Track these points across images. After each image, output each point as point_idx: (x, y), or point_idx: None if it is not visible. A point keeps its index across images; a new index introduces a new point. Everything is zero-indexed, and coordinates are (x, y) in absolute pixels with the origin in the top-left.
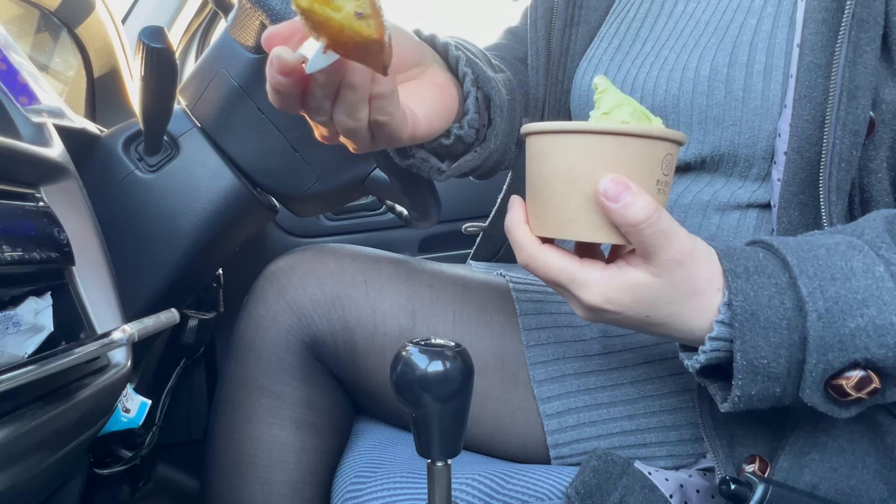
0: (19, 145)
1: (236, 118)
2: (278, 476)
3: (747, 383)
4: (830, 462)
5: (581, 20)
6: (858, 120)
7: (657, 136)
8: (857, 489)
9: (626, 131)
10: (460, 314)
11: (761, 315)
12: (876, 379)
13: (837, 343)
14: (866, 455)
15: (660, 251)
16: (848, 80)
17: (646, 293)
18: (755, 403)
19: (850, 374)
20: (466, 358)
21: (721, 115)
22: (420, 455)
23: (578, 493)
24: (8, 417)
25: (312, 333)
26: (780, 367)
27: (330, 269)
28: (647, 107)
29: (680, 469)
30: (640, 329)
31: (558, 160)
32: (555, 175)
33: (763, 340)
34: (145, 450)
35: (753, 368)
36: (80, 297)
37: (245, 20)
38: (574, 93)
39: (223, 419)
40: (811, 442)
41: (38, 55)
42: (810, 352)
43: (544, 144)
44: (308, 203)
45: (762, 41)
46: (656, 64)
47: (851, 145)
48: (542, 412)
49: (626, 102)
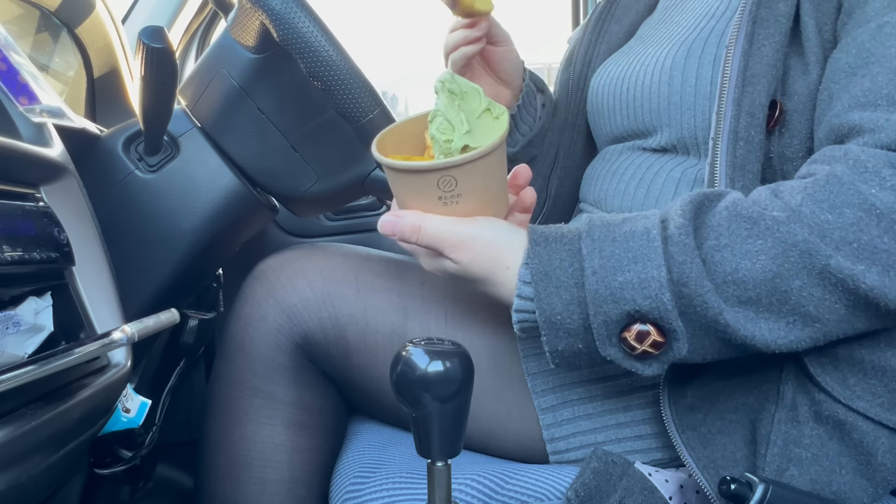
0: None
1: (236, 118)
2: (271, 475)
3: (551, 339)
4: (809, 474)
5: (603, 40)
6: (754, 104)
7: (418, 170)
8: (843, 493)
9: (397, 167)
10: (452, 311)
11: (553, 276)
12: (655, 331)
13: (610, 296)
14: (840, 456)
15: (441, 247)
16: (742, 68)
17: (456, 276)
18: (570, 360)
19: (632, 328)
20: (466, 358)
21: (679, 101)
22: (420, 455)
23: (578, 494)
24: (8, 417)
25: (303, 332)
26: (575, 322)
27: (319, 266)
28: (631, 96)
29: (679, 468)
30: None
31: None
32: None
33: (556, 298)
34: (145, 450)
35: (553, 325)
36: (80, 297)
37: (245, 20)
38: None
39: (216, 419)
40: (786, 458)
41: (38, 55)
42: (589, 304)
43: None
44: (308, 203)
45: (714, 36)
46: (641, 60)
47: (749, 125)
48: (538, 406)
49: (443, 110)
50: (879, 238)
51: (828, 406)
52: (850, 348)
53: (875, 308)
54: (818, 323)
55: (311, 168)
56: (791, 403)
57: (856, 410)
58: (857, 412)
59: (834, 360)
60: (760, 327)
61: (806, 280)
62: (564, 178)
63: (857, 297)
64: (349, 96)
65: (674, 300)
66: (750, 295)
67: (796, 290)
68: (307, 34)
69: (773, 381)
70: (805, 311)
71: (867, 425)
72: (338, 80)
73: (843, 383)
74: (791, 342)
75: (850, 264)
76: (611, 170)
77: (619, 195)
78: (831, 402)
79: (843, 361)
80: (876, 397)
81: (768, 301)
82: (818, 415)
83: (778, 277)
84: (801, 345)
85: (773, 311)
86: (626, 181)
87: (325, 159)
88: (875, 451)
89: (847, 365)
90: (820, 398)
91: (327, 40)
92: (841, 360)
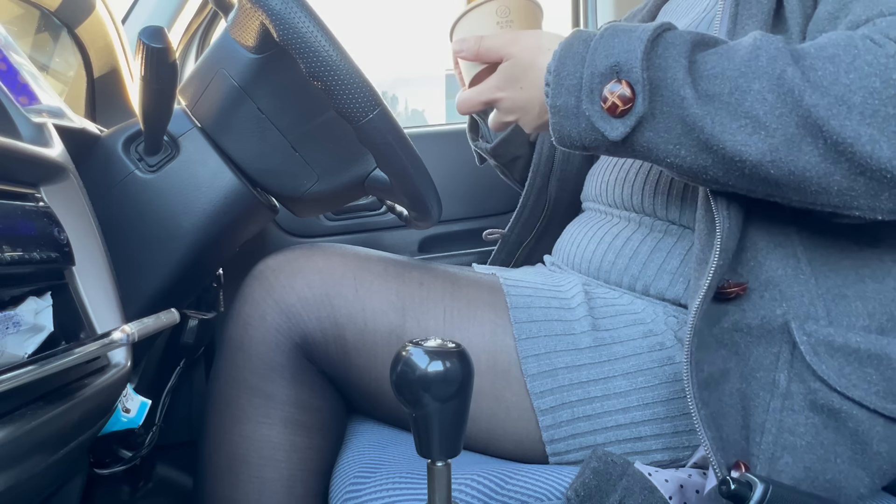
0: (19, 145)
1: (236, 118)
2: (270, 474)
3: (557, 91)
4: (803, 462)
5: None
6: None
7: (481, 3)
8: (837, 481)
9: (468, 8)
10: (450, 311)
11: (571, 49)
12: (626, 85)
13: (602, 50)
14: (836, 445)
15: (498, 44)
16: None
17: (507, 72)
18: (563, 118)
19: (610, 84)
20: (466, 358)
21: None
22: (420, 455)
23: (578, 494)
24: (8, 417)
25: (301, 332)
26: (574, 78)
27: (318, 266)
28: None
29: (679, 468)
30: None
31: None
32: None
33: (569, 60)
34: (145, 450)
35: (559, 79)
36: (80, 297)
37: (245, 20)
38: None
39: (215, 418)
40: (780, 445)
41: (38, 55)
42: (587, 60)
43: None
44: (308, 203)
45: (704, 25)
46: None
47: None
48: (537, 407)
49: None
50: (846, 75)
51: (823, 395)
52: (846, 337)
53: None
54: (764, 132)
55: (311, 168)
56: (786, 392)
57: (851, 399)
58: (852, 401)
59: (830, 349)
60: (712, 116)
61: (766, 83)
62: (565, 182)
63: (802, 112)
64: (349, 96)
65: (644, 57)
66: (715, 90)
67: (754, 91)
68: (307, 34)
69: (769, 370)
70: (756, 116)
71: (862, 414)
72: (338, 80)
73: (839, 372)
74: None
75: (801, 81)
76: (612, 160)
77: (619, 184)
78: (827, 391)
79: (839, 350)
80: (871, 386)
81: (728, 99)
82: (813, 403)
83: (742, 77)
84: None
85: (730, 110)
86: (627, 168)
87: (325, 159)
88: (870, 440)
89: (843, 354)
90: (815, 387)
91: (327, 40)
92: (837, 348)
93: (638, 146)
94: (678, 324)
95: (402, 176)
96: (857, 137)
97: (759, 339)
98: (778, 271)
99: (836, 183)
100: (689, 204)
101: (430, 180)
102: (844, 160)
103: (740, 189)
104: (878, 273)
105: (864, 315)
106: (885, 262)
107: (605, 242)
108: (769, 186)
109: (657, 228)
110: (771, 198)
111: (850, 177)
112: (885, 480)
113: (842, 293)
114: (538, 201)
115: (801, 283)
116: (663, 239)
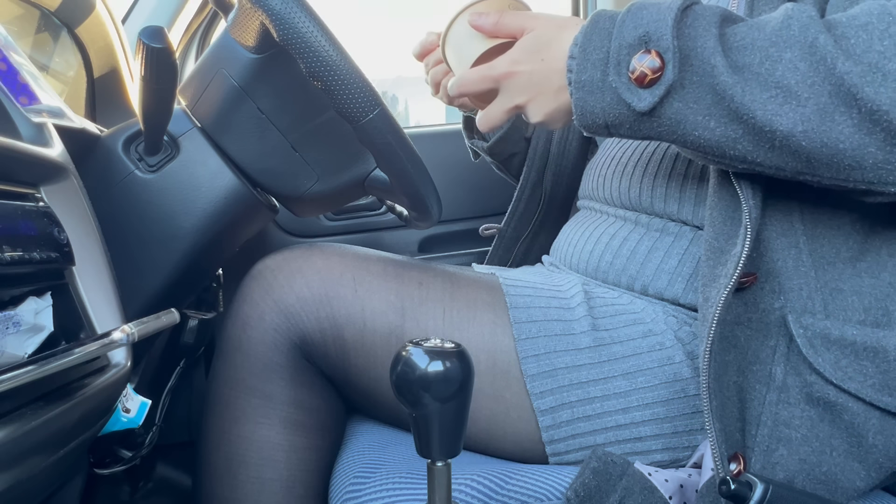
0: (19, 145)
1: (236, 118)
2: (269, 474)
3: (582, 66)
4: (798, 454)
5: None
6: None
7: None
8: (833, 474)
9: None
10: (450, 311)
11: (597, 25)
12: (658, 57)
13: (631, 22)
14: (831, 438)
15: (519, 20)
16: None
17: (528, 43)
18: (587, 93)
19: (638, 55)
20: (466, 358)
21: None
22: (420, 455)
23: (578, 494)
24: (8, 417)
25: (300, 332)
26: (601, 53)
27: (317, 266)
28: None
29: (679, 468)
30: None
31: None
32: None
33: (595, 35)
34: (145, 450)
35: (586, 55)
36: (80, 297)
37: (245, 20)
38: None
39: (214, 418)
40: (776, 438)
41: (38, 55)
42: (615, 33)
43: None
44: (308, 203)
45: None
46: None
47: None
48: (536, 408)
49: None
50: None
51: (819, 387)
52: (843, 329)
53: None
54: (795, 101)
55: (311, 168)
56: (782, 385)
57: (847, 392)
58: (848, 393)
59: (826, 342)
60: (742, 85)
61: (797, 52)
62: (560, 177)
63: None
64: (349, 96)
65: (675, 25)
66: (746, 60)
67: (786, 60)
68: (307, 34)
69: (765, 363)
70: (787, 85)
71: (858, 406)
72: (338, 80)
73: (835, 364)
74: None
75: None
76: (610, 154)
77: (617, 177)
78: (823, 384)
79: (836, 343)
80: (867, 378)
81: (759, 69)
82: (809, 396)
83: (773, 46)
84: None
85: (761, 80)
86: (625, 161)
87: (325, 159)
88: (866, 433)
89: (839, 346)
90: (811, 379)
91: (327, 40)
92: (833, 341)
93: (665, 118)
94: (678, 324)
95: (402, 176)
96: (893, 105)
97: (757, 333)
98: (780, 262)
99: (870, 156)
100: (689, 198)
101: (430, 180)
102: (880, 130)
103: (768, 167)
104: (874, 267)
105: (859, 310)
106: (881, 255)
107: (602, 243)
108: (800, 162)
109: (654, 227)
110: (801, 176)
111: (886, 148)
112: (883, 474)
113: (838, 287)
114: (533, 195)
115: (801, 276)
116: (660, 238)
